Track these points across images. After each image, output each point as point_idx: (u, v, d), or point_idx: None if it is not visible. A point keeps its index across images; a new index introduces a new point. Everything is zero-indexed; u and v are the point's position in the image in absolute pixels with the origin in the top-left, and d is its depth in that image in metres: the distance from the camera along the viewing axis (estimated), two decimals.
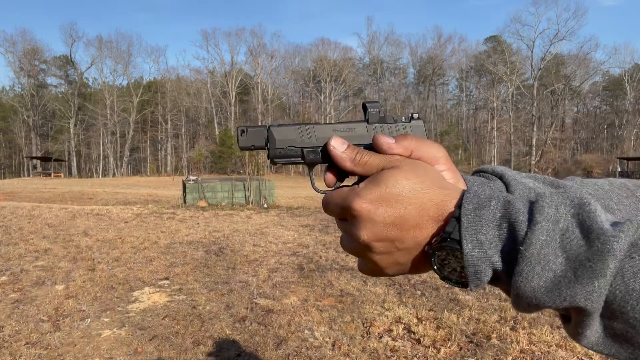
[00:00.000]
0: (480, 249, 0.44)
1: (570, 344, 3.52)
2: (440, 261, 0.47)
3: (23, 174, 60.38)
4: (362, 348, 3.57)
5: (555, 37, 58.86)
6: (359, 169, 0.53)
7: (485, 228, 0.44)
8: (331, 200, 0.54)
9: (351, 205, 0.49)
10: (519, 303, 0.43)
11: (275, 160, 0.59)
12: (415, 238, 0.49)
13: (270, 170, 57.89)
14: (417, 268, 0.52)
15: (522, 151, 60.75)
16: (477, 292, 4.88)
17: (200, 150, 62.39)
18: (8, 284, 5.31)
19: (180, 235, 8.40)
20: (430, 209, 0.48)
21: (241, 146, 0.60)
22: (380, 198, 0.48)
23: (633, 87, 58.78)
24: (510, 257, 0.43)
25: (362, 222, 0.49)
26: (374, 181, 0.50)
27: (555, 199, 0.43)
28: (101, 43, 67.79)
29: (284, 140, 0.59)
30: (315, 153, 0.58)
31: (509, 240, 0.43)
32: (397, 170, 0.50)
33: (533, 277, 0.41)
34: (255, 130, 0.60)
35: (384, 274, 0.53)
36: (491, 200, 0.45)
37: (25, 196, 19.37)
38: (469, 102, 71.56)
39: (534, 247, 0.41)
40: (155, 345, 3.69)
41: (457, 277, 0.47)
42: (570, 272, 0.40)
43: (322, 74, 66.06)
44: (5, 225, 9.29)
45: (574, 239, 0.40)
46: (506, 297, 4.65)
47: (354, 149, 0.54)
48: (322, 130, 0.58)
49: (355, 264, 6.16)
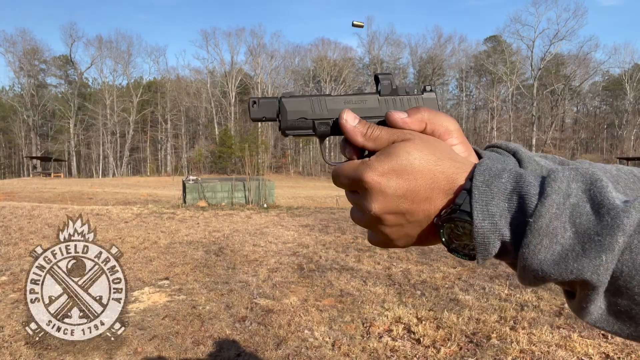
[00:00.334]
0: (491, 220, 0.44)
1: (570, 344, 3.52)
2: (449, 233, 0.48)
3: (23, 174, 60.37)
4: (362, 348, 3.57)
5: (555, 37, 58.90)
6: (370, 144, 0.53)
7: (496, 200, 0.44)
8: (341, 172, 0.53)
9: (362, 177, 0.49)
10: (525, 276, 0.43)
11: (286, 132, 0.59)
12: (426, 211, 0.49)
13: (270, 170, 57.88)
14: (426, 240, 0.52)
15: None
16: (478, 293, 4.88)
17: (200, 150, 62.40)
18: (8, 284, 5.31)
19: (180, 235, 8.40)
20: (441, 182, 0.48)
21: (252, 117, 0.59)
22: (392, 170, 0.48)
23: (633, 87, 58.78)
24: (519, 229, 0.43)
25: (373, 194, 0.49)
26: (385, 153, 0.50)
27: (567, 174, 0.43)
28: (101, 43, 67.83)
29: (295, 112, 0.58)
30: (327, 125, 0.58)
31: (518, 212, 0.43)
32: (408, 142, 0.50)
33: (540, 249, 0.41)
34: (267, 102, 0.59)
35: (393, 246, 0.54)
36: (503, 173, 0.45)
37: (25, 196, 19.37)
38: (469, 102, 71.60)
39: (543, 219, 0.41)
40: (155, 345, 3.69)
41: (465, 249, 0.47)
42: (578, 246, 0.40)
43: (322, 74, 66.08)
44: (5, 225, 9.29)
45: (584, 214, 0.40)
46: (506, 297, 4.66)
47: (365, 123, 0.54)
48: (333, 102, 0.58)
49: (355, 264, 6.16)
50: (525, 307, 4.38)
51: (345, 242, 7.73)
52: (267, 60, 68.67)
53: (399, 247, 0.54)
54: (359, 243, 7.54)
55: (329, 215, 11.20)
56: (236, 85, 66.23)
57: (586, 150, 63.94)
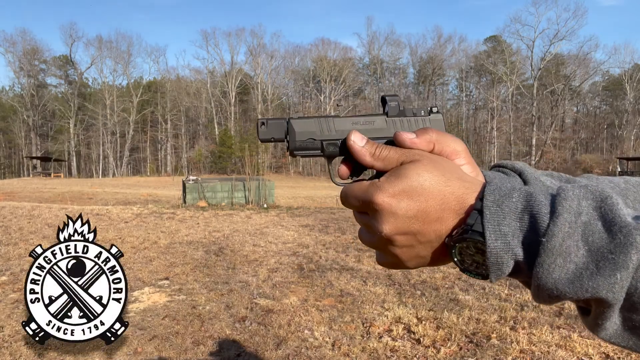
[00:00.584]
0: (503, 240, 0.44)
1: (570, 344, 3.52)
2: (461, 253, 0.48)
3: (23, 174, 60.36)
4: (362, 348, 3.57)
5: (555, 37, 58.90)
6: (379, 164, 0.53)
7: (507, 219, 0.44)
8: (350, 193, 0.53)
9: (373, 199, 0.49)
10: (540, 294, 0.43)
11: (295, 152, 0.59)
12: (437, 231, 0.49)
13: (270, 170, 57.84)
14: (437, 260, 0.52)
15: (522, 151, 60.75)
16: (479, 295, 4.88)
17: (200, 150, 62.40)
18: (8, 284, 5.31)
19: (180, 235, 8.40)
20: (451, 202, 0.48)
21: (261, 138, 0.60)
22: (402, 192, 0.48)
23: (633, 87, 58.78)
24: (532, 248, 0.43)
25: (384, 215, 0.49)
26: (395, 175, 0.50)
27: (577, 192, 0.43)
28: (101, 43, 67.81)
29: (303, 133, 0.59)
30: (335, 146, 0.58)
31: (530, 232, 0.43)
32: (418, 163, 0.50)
33: (555, 268, 0.41)
34: (275, 123, 0.59)
35: (404, 267, 0.54)
36: (513, 192, 0.45)
37: (25, 196, 19.37)
38: (469, 102, 71.57)
39: (556, 238, 0.41)
40: (155, 345, 3.69)
41: (478, 268, 0.47)
42: (592, 264, 0.40)
43: (322, 74, 66.07)
44: (5, 225, 9.29)
45: (596, 232, 0.41)
46: (506, 297, 4.66)
47: (373, 144, 0.55)
48: (341, 123, 0.58)
49: (355, 264, 6.16)
50: (525, 307, 4.38)
51: (345, 242, 7.73)
52: (267, 60, 68.72)
53: (409, 268, 0.54)
54: (359, 243, 7.54)
55: (329, 215, 11.20)
56: (236, 85, 66.23)
57: (586, 150, 63.95)
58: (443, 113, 0.59)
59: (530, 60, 61.29)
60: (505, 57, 60.59)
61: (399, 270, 0.63)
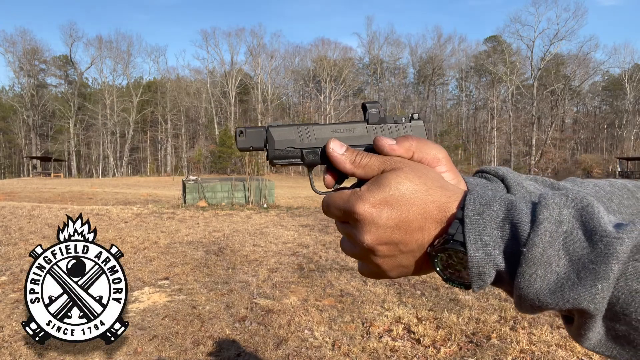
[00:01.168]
0: (485, 249, 0.43)
1: (570, 344, 3.52)
2: (443, 263, 0.47)
3: (23, 174, 60.37)
4: (362, 348, 3.57)
5: (555, 37, 58.89)
6: (359, 171, 0.52)
7: (488, 229, 0.44)
8: (332, 203, 0.53)
9: (354, 209, 0.49)
10: (522, 304, 0.43)
11: (274, 161, 0.59)
12: (419, 240, 0.48)
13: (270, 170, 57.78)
14: (420, 270, 0.52)
15: (522, 151, 60.75)
16: (479, 292, 4.88)
17: (200, 150, 62.40)
18: (8, 284, 5.31)
19: (180, 235, 8.40)
20: (433, 211, 0.47)
21: (240, 147, 0.59)
22: (383, 201, 0.48)
23: (633, 87, 58.78)
24: (513, 258, 0.42)
25: (366, 225, 0.48)
26: (376, 183, 0.49)
27: (558, 201, 0.42)
28: (101, 43, 67.79)
29: (283, 141, 0.58)
30: (315, 154, 0.58)
31: (511, 241, 0.43)
32: (399, 172, 0.49)
33: (536, 278, 0.40)
34: (254, 131, 0.59)
35: (386, 277, 0.53)
36: (494, 201, 0.45)
37: (25, 196, 19.37)
38: (469, 102, 71.55)
39: (536, 248, 0.40)
40: (155, 345, 3.69)
41: (460, 278, 0.47)
42: (573, 274, 0.39)
43: (322, 74, 66.05)
44: (5, 225, 9.29)
45: (577, 241, 0.40)
46: (506, 297, 4.67)
47: (353, 151, 0.54)
48: (321, 131, 0.58)
49: (355, 264, 6.16)
50: None
51: None
52: (267, 60, 68.69)
53: (391, 278, 0.53)
54: None
55: (329, 217, 11.19)
56: (236, 85, 66.21)
57: (586, 150, 63.94)
58: (424, 119, 0.59)
59: (530, 60, 61.31)
60: (505, 57, 60.58)
61: (382, 279, 0.62)
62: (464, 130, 67.93)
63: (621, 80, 60.62)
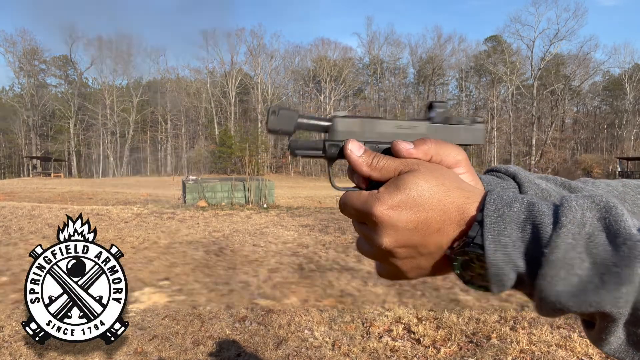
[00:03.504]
0: (504, 250, 0.43)
1: (570, 344, 3.52)
2: (463, 266, 0.47)
3: (23, 174, 60.34)
4: (362, 348, 3.57)
5: (555, 37, 58.88)
6: (376, 174, 0.52)
7: (508, 230, 0.43)
8: (349, 203, 0.52)
9: (372, 210, 0.48)
10: (543, 307, 0.42)
11: (295, 151, 0.56)
12: (438, 242, 0.48)
13: (270, 170, 57.72)
14: (438, 271, 0.51)
15: (522, 151, 60.75)
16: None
17: (200, 150, 62.39)
18: (8, 284, 5.31)
19: (180, 235, 8.40)
20: (452, 212, 0.47)
21: (269, 128, 0.55)
22: (402, 203, 0.47)
23: (633, 87, 58.78)
24: (534, 260, 0.42)
25: (384, 228, 0.48)
26: (394, 185, 0.49)
27: (580, 203, 0.42)
28: (101, 43, 67.79)
29: (346, 132, 0.56)
30: (337, 147, 0.56)
31: (532, 243, 0.42)
32: (416, 173, 0.48)
33: (558, 281, 0.40)
34: (287, 113, 0.55)
35: (404, 278, 0.53)
36: (515, 202, 0.44)
37: (25, 196, 19.37)
38: (469, 102, 71.53)
39: (559, 250, 0.40)
40: (155, 345, 3.69)
41: (481, 280, 0.46)
42: (596, 277, 0.39)
43: (321, 74, 66.05)
44: (5, 225, 9.29)
45: (600, 244, 0.40)
46: (506, 298, 4.66)
47: (371, 153, 0.53)
48: (384, 126, 0.56)
49: (355, 264, 6.16)
50: (525, 307, 4.38)
51: (345, 242, 7.73)
52: (267, 60, 68.64)
53: (409, 279, 0.53)
54: None
55: (329, 215, 11.19)
56: (236, 85, 66.20)
57: (586, 150, 63.93)
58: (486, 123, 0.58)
59: (530, 60, 61.30)
60: (505, 57, 60.58)
61: (400, 280, 0.62)
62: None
63: (621, 80, 60.61)
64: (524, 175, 0.58)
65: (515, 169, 0.59)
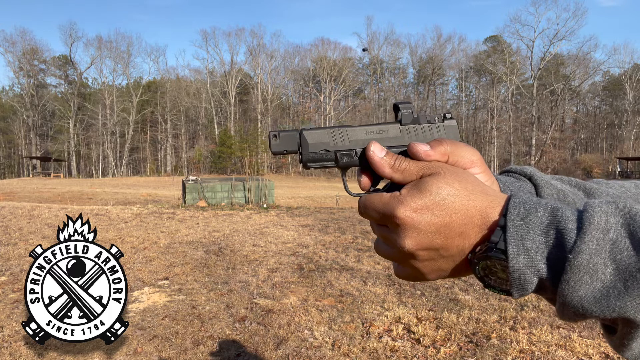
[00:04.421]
0: (526, 255, 0.43)
1: (569, 344, 3.52)
2: (484, 270, 0.47)
3: (22, 174, 60.36)
4: (361, 348, 3.57)
5: (555, 37, 58.90)
6: (398, 176, 0.52)
7: (531, 234, 0.43)
8: (370, 205, 0.52)
9: (395, 213, 0.48)
10: (565, 312, 0.42)
11: (308, 164, 0.58)
12: (460, 246, 0.48)
13: (269, 170, 57.74)
14: (459, 273, 0.51)
15: (521, 151, 60.76)
16: (479, 293, 4.88)
17: (200, 150, 62.40)
18: (8, 284, 5.31)
19: (180, 235, 8.40)
20: (474, 217, 0.47)
21: (274, 151, 0.58)
22: (425, 206, 0.47)
23: (633, 87, 58.79)
24: (557, 265, 0.42)
25: (407, 230, 0.48)
26: (417, 188, 0.49)
27: (605, 209, 0.42)
28: (101, 43, 67.73)
29: (316, 144, 0.58)
30: (349, 156, 0.57)
31: (556, 247, 0.42)
32: (439, 177, 0.49)
33: (581, 286, 0.40)
34: (287, 135, 0.58)
35: (424, 280, 0.53)
36: (538, 207, 0.44)
37: (25, 196, 19.36)
38: (469, 102, 71.56)
39: (583, 255, 0.40)
40: (155, 345, 3.69)
41: (502, 284, 0.46)
42: (619, 283, 0.39)
43: (321, 74, 66.07)
44: (5, 225, 9.29)
45: (624, 250, 0.40)
46: (506, 298, 4.66)
47: (392, 156, 0.54)
48: (354, 133, 0.58)
49: (354, 264, 6.16)
50: (525, 307, 4.38)
51: (345, 242, 7.73)
52: (267, 60, 68.67)
53: (429, 281, 0.53)
54: (359, 243, 7.54)
55: (328, 215, 11.20)
56: (236, 85, 66.21)
57: (586, 150, 63.96)
58: (457, 119, 0.58)
59: (530, 60, 61.33)
60: (505, 57, 60.59)
61: (418, 282, 0.61)
62: (464, 130, 67.89)
63: (621, 80, 60.63)
64: (540, 176, 0.58)
65: (531, 169, 0.59)
